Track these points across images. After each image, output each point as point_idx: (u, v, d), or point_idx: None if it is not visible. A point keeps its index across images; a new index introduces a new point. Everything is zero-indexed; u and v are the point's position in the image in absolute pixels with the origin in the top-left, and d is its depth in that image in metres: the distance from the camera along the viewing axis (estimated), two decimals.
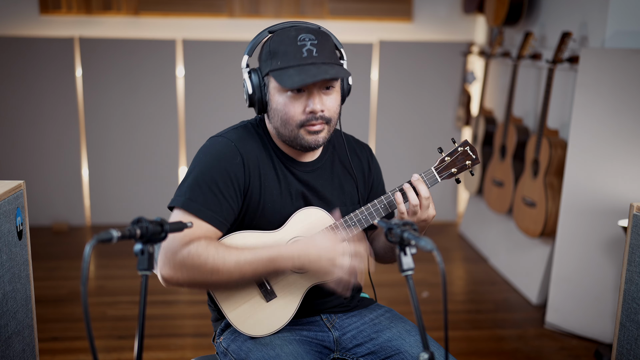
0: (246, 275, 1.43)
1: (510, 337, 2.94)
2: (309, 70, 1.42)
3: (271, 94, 1.49)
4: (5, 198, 1.68)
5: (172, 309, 3.15)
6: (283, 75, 1.43)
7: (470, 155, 1.60)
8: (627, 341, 1.85)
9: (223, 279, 1.42)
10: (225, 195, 1.47)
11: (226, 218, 1.47)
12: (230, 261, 1.41)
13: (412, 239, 1.10)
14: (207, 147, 1.52)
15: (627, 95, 2.74)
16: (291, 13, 4.38)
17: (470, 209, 4.42)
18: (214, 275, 1.41)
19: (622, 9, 2.89)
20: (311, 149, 1.52)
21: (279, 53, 1.46)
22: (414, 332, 1.59)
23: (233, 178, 1.48)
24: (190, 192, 1.46)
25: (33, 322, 1.85)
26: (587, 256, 2.86)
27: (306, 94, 1.46)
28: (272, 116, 1.52)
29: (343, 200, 1.64)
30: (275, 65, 1.46)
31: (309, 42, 1.45)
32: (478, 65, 4.59)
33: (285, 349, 1.48)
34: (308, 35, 1.46)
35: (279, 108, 1.48)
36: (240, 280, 1.45)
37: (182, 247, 1.41)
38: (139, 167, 4.48)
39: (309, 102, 1.46)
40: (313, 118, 1.47)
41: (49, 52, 4.27)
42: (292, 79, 1.42)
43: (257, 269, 1.43)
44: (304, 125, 1.47)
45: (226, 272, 1.41)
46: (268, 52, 1.48)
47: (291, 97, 1.46)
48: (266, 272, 1.45)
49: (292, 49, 1.45)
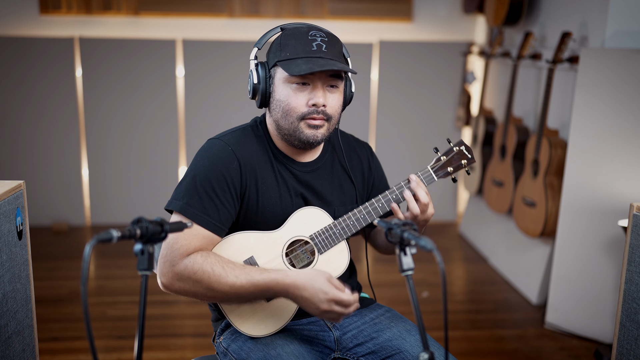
0: (242, 297, 1.44)
1: (510, 337, 2.94)
2: (317, 61, 1.44)
3: (276, 85, 1.51)
4: (5, 198, 1.68)
5: (172, 309, 3.15)
6: (291, 64, 1.45)
7: (466, 154, 1.62)
8: (627, 341, 1.85)
9: (218, 296, 1.44)
10: (222, 200, 1.47)
11: (224, 223, 1.48)
12: (226, 282, 1.41)
13: (412, 239, 1.10)
14: (205, 150, 1.53)
15: (627, 95, 2.74)
16: (291, 13, 4.38)
17: (470, 209, 4.42)
18: (209, 293, 1.43)
19: (622, 9, 2.89)
20: (310, 145, 1.53)
21: (288, 45, 1.48)
22: (414, 332, 1.59)
23: (229, 182, 1.49)
24: (187, 196, 1.46)
25: (33, 322, 1.85)
26: (587, 256, 2.86)
27: (310, 88, 1.48)
28: (273, 108, 1.52)
29: (343, 200, 1.64)
30: (284, 55, 1.47)
31: (319, 38, 1.48)
32: (478, 65, 4.59)
33: (286, 349, 1.48)
34: (319, 32, 1.50)
35: (282, 98, 1.49)
36: (235, 300, 1.46)
37: (180, 260, 1.42)
38: (139, 167, 4.48)
39: (312, 95, 1.47)
40: (315, 112, 1.48)
41: (49, 52, 4.27)
42: (300, 67, 1.44)
43: (254, 293, 1.43)
44: (304, 117, 1.48)
45: (221, 292, 1.42)
46: (278, 45, 1.50)
47: (295, 88, 1.47)
48: (261, 296, 1.46)
49: (303, 42, 1.47)
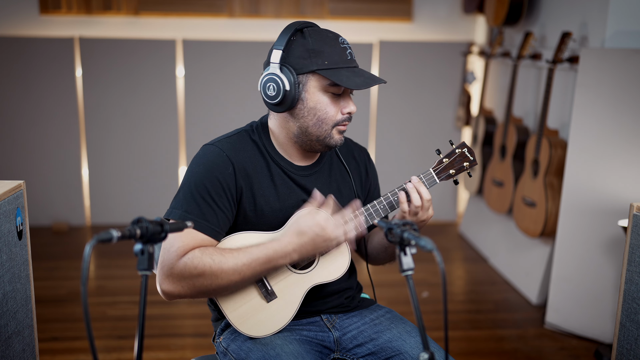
0: (246, 277, 1.44)
1: (510, 337, 2.94)
2: (362, 73, 1.50)
3: (310, 93, 1.49)
4: (5, 198, 1.68)
5: (172, 309, 3.15)
6: (339, 75, 1.47)
7: (468, 156, 1.61)
8: (627, 341, 1.85)
9: (223, 284, 1.44)
10: (220, 205, 1.48)
11: (222, 227, 1.49)
12: (228, 267, 1.42)
13: (412, 239, 1.10)
14: (200, 157, 1.53)
15: (627, 95, 2.74)
16: (291, 13, 4.38)
17: (470, 209, 4.42)
18: (213, 283, 1.43)
19: (622, 9, 2.89)
20: (331, 149, 1.57)
21: (324, 52, 1.48)
22: (414, 333, 1.59)
23: (225, 187, 1.50)
24: (186, 204, 1.47)
25: (33, 322, 1.85)
26: (587, 256, 2.86)
27: (342, 95, 1.52)
28: (303, 115, 1.51)
29: (341, 203, 1.64)
30: (322, 64, 1.47)
31: (348, 46, 1.53)
32: (478, 65, 4.59)
33: (286, 349, 1.48)
34: (344, 39, 1.54)
35: (319, 107, 1.50)
36: (240, 283, 1.46)
37: (178, 260, 1.42)
38: (139, 167, 4.48)
39: (345, 104, 1.52)
40: (347, 119, 1.54)
41: (49, 52, 4.27)
42: (353, 80, 1.47)
43: (256, 269, 1.44)
44: (337, 124, 1.53)
45: (225, 278, 1.43)
46: (309, 50, 1.47)
47: (332, 97, 1.50)
48: (265, 271, 1.46)
49: (337, 50, 1.49)
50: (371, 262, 1.76)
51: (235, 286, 1.47)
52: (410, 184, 1.54)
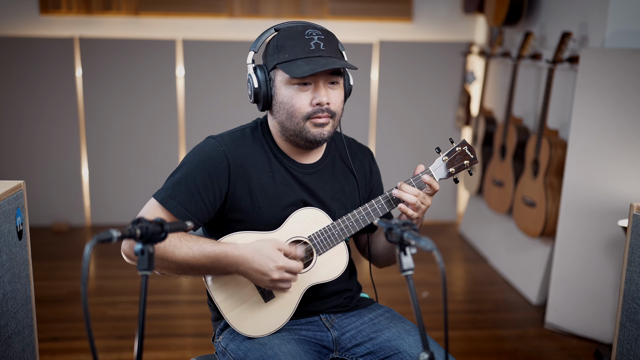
0: (194, 268, 1.47)
1: (510, 337, 2.94)
2: (317, 61, 1.45)
3: (277, 88, 1.51)
4: (5, 198, 1.68)
5: (172, 309, 3.15)
6: (292, 66, 1.45)
7: (469, 155, 1.60)
8: (627, 341, 1.85)
9: (172, 268, 1.47)
10: (203, 197, 1.50)
11: (199, 218, 1.51)
12: (179, 254, 1.45)
13: (412, 239, 1.10)
14: (199, 148, 1.56)
15: (627, 95, 2.74)
16: (291, 13, 4.38)
17: (470, 209, 4.42)
18: (163, 263, 1.46)
19: (622, 9, 2.89)
20: (316, 144, 1.53)
21: (286, 46, 1.48)
22: (413, 332, 1.59)
23: (215, 182, 1.51)
24: (172, 189, 1.50)
25: (33, 322, 1.85)
26: (587, 256, 2.86)
27: (312, 87, 1.48)
28: (277, 110, 1.53)
29: (344, 202, 1.64)
30: (283, 57, 1.47)
31: (316, 37, 1.48)
32: (478, 65, 4.59)
33: (284, 349, 1.48)
34: (315, 31, 1.50)
35: (285, 101, 1.49)
36: (190, 271, 1.49)
37: None
38: (139, 167, 4.48)
39: (316, 95, 1.48)
40: (319, 110, 1.49)
41: (49, 52, 4.27)
42: (301, 68, 1.44)
43: (205, 265, 1.46)
44: (310, 117, 1.49)
45: (174, 263, 1.46)
46: (275, 47, 1.50)
47: (298, 89, 1.48)
48: (212, 268, 1.48)
49: (300, 42, 1.47)
50: (376, 263, 1.75)
51: (184, 272, 1.49)
52: (397, 189, 1.53)
